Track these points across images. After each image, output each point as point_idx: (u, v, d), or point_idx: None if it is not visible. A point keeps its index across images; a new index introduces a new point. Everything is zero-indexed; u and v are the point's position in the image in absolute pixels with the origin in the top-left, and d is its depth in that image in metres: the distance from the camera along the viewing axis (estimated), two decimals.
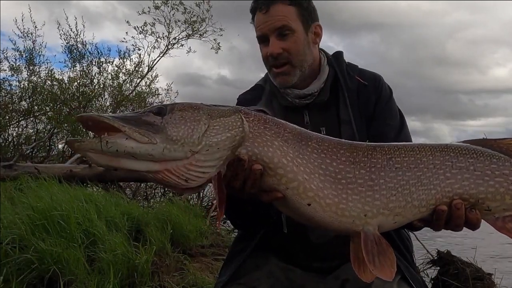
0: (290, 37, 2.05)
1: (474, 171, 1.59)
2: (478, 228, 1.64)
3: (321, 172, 1.55)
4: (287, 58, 2.06)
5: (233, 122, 1.54)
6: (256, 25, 2.11)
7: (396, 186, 1.56)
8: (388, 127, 2.10)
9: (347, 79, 2.15)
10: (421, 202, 1.56)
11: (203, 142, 1.48)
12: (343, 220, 1.54)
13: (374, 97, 2.14)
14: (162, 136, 1.47)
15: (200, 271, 4.56)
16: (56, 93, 14.78)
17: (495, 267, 4.77)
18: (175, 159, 1.47)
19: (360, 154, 1.59)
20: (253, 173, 1.52)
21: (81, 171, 8.59)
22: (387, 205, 1.55)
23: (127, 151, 1.44)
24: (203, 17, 15.91)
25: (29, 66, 14.99)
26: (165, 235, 5.05)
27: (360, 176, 1.56)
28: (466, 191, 1.58)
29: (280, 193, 1.54)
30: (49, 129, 15.01)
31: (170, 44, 16.27)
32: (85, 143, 1.45)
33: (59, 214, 4.23)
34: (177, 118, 1.51)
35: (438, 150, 1.62)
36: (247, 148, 1.53)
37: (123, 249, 4.02)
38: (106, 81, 15.83)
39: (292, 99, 2.14)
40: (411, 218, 1.59)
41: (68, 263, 3.65)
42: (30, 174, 7.40)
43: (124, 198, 6.90)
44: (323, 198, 1.53)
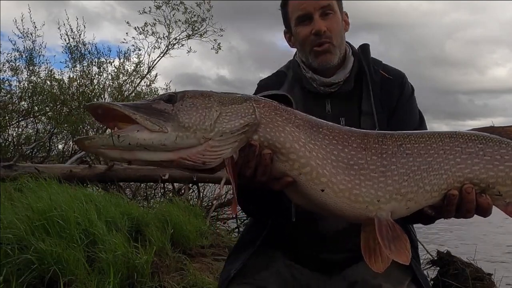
0: (332, 17, 2.08)
1: (483, 156, 1.60)
2: (489, 214, 1.63)
3: (333, 158, 1.55)
4: (329, 37, 2.07)
5: (245, 109, 1.54)
6: (298, 5, 2.10)
7: (408, 171, 1.56)
8: (408, 122, 2.10)
9: (372, 72, 2.15)
10: (433, 187, 1.56)
11: (215, 128, 1.48)
12: (357, 206, 1.54)
13: (397, 92, 2.15)
14: (173, 124, 1.46)
15: (200, 271, 4.56)
16: (56, 93, 14.78)
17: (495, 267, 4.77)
18: (189, 146, 1.46)
19: (371, 141, 1.59)
20: (263, 159, 1.52)
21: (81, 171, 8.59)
22: (400, 190, 1.55)
23: (140, 143, 1.43)
24: (204, 17, 15.94)
25: (29, 66, 15.00)
26: (165, 235, 5.05)
27: (372, 162, 1.56)
28: (477, 176, 1.59)
29: (291, 178, 1.54)
30: (49, 129, 15.04)
31: (171, 44, 16.29)
32: (96, 139, 1.44)
33: (59, 214, 4.22)
34: (188, 105, 1.50)
35: (447, 136, 1.63)
36: (259, 134, 1.53)
37: (123, 249, 4.02)
38: (106, 81, 15.85)
39: (318, 86, 2.14)
40: (423, 204, 1.58)
41: (68, 263, 3.65)
42: (30, 174, 7.39)
43: (124, 198, 6.90)
44: (336, 183, 1.53)
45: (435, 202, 1.59)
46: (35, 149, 14.47)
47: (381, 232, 1.50)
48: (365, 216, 1.55)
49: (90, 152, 1.50)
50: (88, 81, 15.58)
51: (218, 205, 8.61)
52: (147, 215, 5.68)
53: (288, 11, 2.16)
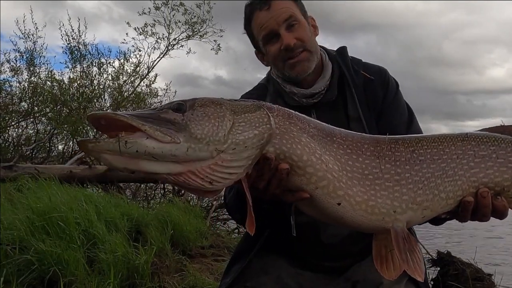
0: (298, 26, 2.02)
1: (497, 159, 1.57)
2: (505, 216, 1.61)
3: (349, 169, 1.49)
4: (302, 46, 2.02)
5: (259, 118, 1.45)
6: (259, 25, 2.04)
7: (422, 179, 1.52)
8: (397, 121, 2.08)
9: (353, 75, 2.11)
10: (448, 194, 1.53)
11: (229, 140, 1.39)
12: (373, 218, 1.49)
13: (381, 92, 2.11)
14: (185, 134, 1.36)
15: (200, 272, 4.56)
16: (56, 94, 14.78)
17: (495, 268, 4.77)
18: (200, 159, 1.36)
19: (384, 148, 1.54)
20: (279, 173, 1.44)
21: (81, 172, 8.59)
22: (415, 199, 1.50)
23: (148, 152, 1.32)
24: (204, 18, 15.94)
25: (29, 67, 15.00)
26: (165, 236, 5.04)
27: (386, 170, 1.51)
28: (491, 180, 1.56)
29: (307, 193, 1.47)
30: (49, 130, 15.02)
31: (170, 45, 16.29)
32: (101, 143, 1.32)
33: (59, 215, 4.22)
34: (199, 114, 1.41)
35: (459, 139, 1.59)
36: (275, 146, 1.45)
37: (123, 250, 4.02)
38: (106, 82, 15.85)
39: (299, 99, 2.09)
40: (439, 211, 1.55)
41: (68, 264, 3.65)
42: (30, 175, 7.39)
43: (124, 199, 6.90)
44: (353, 196, 1.48)
45: (450, 208, 1.56)
46: (35, 150, 14.46)
47: (398, 244, 1.46)
48: (381, 228, 1.51)
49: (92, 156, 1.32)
50: (88, 81, 15.57)
51: (218, 206, 8.61)
52: (147, 216, 5.68)
53: (253, 33, 2.10)
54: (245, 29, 2.16)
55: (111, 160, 1.34)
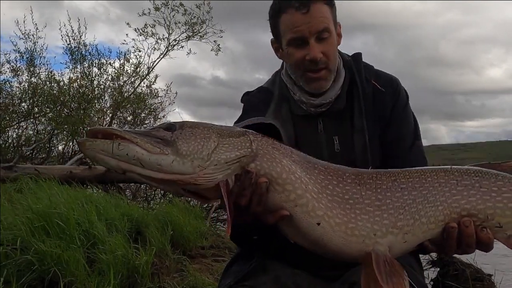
0: (328, 39, 1.94)
1: (480, 188, 1.59)
2: (491, 249, 1.62)
3: (329, 192, 1.56)
4: (325, 62, 1.95)
5: (242, 143, 1.57)
6: (291, 25, 1.93)
7: (403, 205, 1.56)
8: (402, 135, 2.05)
9: (364, 85, 2.05)
10: (429, 218, 1.56)
11: (212, 158, 1.51)
12: (353, 240, 1.53)
13: (391, 103, 2.06)
14: (173, 149, 1.49)
15: (200, 272, 4.56)
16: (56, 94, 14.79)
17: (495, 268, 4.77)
18: (183, 173, 1.49)
19: (365, 177, 1.61)
20: (259, 187, 1.52)
21: (81, 172, 8.60)
22: (396, 224, 1.54)
23: (137, 157, 1.46)
24: (204, 19, 15.95)
25: (29, 68, 15.01)
26: (165, 236, 5.04)
27: (367, 196, 1.57)
28: (474, 207, 1.57)
29: (287, 211, 1.54)
30: (49, 130, 15.04)
31: (170, 45, 16.29)
32: (98, 143, 1.47)
33: (59, 215, 4.23)
34: (187, 134, 1.54)
35: (442, 171, 1.63)
36: (256, 163, 1.56)
37: (123, 251, 4.03)
38: (106, 82, 15.86)
39: (307, 108, 2.05)
40: (421, 236, 1.57)
41: (68, 264, 3.65)
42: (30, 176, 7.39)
43: (124, 199, 6.90)
44: (332, 217, 1.53)
45: (434, 235, 1.58)
46: (35, 150, 14.48)
47: (379, 266, 1.49)
48: (362, 251, 1.54)
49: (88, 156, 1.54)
50: (88, 82, 15.58)
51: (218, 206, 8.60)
52: (147, 216, 5.68)
53: (280, 27, 2.00)
54: (271, 17, 2.04)
55: (105, 159, 1.48)
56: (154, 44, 16.06)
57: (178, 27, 16.07)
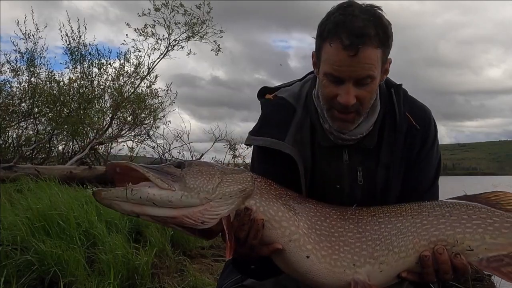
0: (368, 86, 1.79)
1: (450, 217, 1.71)
2: (468, 274, 1.68)
3: (317, 227, 1.72)
4: (357, 108, 1.82)
5: (244, 178, 1.74)
6: (333, 61, 1.76)
7: (380, 237, 1.71)
8: (422, 179, 1.99)
9: (402, 122, 1.95)
10: (401, 248, 1.68)
11: (217, 191, 1.67)
12: (336, 270, 1.68)
13: (419, 143, 1.97)
14: (181, 184, 1.65)
15: (200, 273, 4.56)
16: (56, 94, 14.79)
17: None
18: (192, 205, 1.63)
19: (349, 213, 1.76)
20: (257, 223, 1.65)
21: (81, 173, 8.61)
22: (373, 254, 1.69)
23: (149, 198, 1.60)
24: (204, 19, 15.95)
25: (29, 68, 15.01)
26: (165, 236, 5.05)
27: (350, 230, 1.72)
28: (443, 233, 1.68)
29: (280, 245, 1.68)
30: (49, 130, 15.04)
31: (170, 46, 16.30)
32: (112, 191, 1.62)
33: (59, 215, 4.23)
34: (194, 170, 1.70)
35: (416, 205, 1.77)
36: (255, 200, 1.71)
37: (123, 251, 4.03)
38: (106, 82, 15.86)
39: (335, 139, 1.94)
40: (395, 266, 1.68)
41: (68, 264, 3.65)
42: (30, 176, 7.40)
43: None
44: (319, 250, 1.69)
45: (409, 264, 1.68)
46: (35, 150, 14.49)
47: None
48: (343, 281, 1.68)
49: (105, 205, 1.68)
50: (88, 82, 15.59)
51: None
52: None
53: (322, 51, 1.82)
54: (318, 34, 1.84)
55: (121, 205, 1.63)
56: (154, 44, 16.07)
57: (178, 27, 16.08)
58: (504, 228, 1.69)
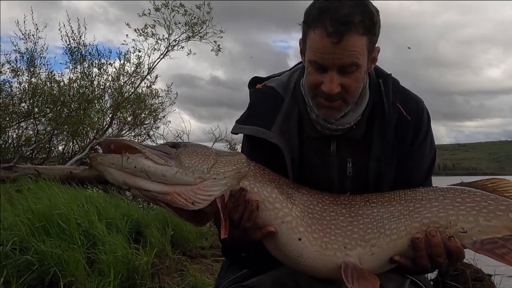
0: (353, 74, 1.75)
1: (443, 200, 1.71)
2: (463, 258, 1.67)
3: (310, 211, 1.73)
4: (342, 96, 1.78)
5: (239, 160, 1.75)
6: (317, 49, 1.73)
7: (372, 221, 1.71)
8: (415, 172, 1.96)
9: (391, 113, 1.90)
10: (392, 230, 1.68)
11: (211, 171, 1.67)
12: (327, 253, 1.68)
13: (411, 135, 1.94)
14: (176, 161, 1.64)
15: (200, 273, 4.56)
16: (56, 94, 14.79)
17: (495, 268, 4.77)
18: (185, 183, 1.63)
19: (342, 198, 1.78)
20: (251, 204, 1.66)
21: (81, 173, 8.61)
22: (364, 237, 1.69)
23: (144, 169, 1.59)
24: (204, 19, 15.94)
25: (29, 68, 15.02)
26: (165, 236, 5.05)
27: (342, 213, 1.73)
28: (435, 215, 1.67)
29: (273, 227, 1.68)
30: (49, 130, 15.04)
31: (170, 46, 16.29)
32: (108, 157, 1.60)
33: (59, 215, 4.23)
34: (190, 151, 1.71)
35: (410, 190, 1.77)
36: (250, 181, 1.72)
37: (123, 251, 4.03)
38: (107, 82, 15.86)
39: (323, 130, 1.91)
40: (387, 249, 1.68)
41: (68, 264, 3.65)
42: (30, 176, 7.40)
43: (124, 199, 6.91)
44: (311, 232, 1.69)
45: (400, 247, 1.67)
46: (35, 151, 14.49)
47: (346, 272, 1.63)
48: (334, 264, 1.67)
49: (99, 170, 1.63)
50: (88, 82, 15.59)
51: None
52: (147, 216, 5.69)
53: (307, 38, 1.79)
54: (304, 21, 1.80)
55: (114, 174, 1.61)
56: (154, 44, 16.07)
57: (178, 27, 16.08)
58: (499, 211, 1.68)
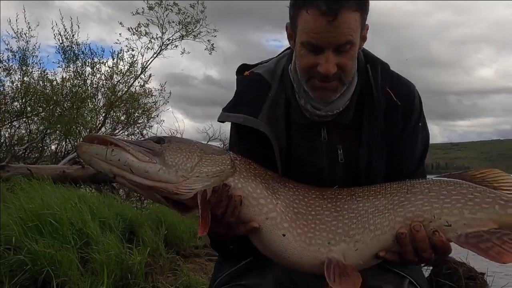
0: (348, 53, 1.73)
1: (428, 193, 1.67)
2: (449, 252, 1.65)
3: (295, 206, 1.71)
4: (339, 76, 1.76)
5: (223, 160, 1.73)
6: (310, 29, 1.69)
7: (357, 215, 1.68)
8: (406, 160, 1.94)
9: (380, 98, 1.87)
10: (376, 226, 1.65)
11: (194, 169, 1.67)
12: (311, 248, 1.66)
13: (402, 121, 1.91)
14: (160, 159, 1.65)
15: (194, 272, 4.56)
16: (49, 93, 14.72)
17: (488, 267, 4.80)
18: (168, 181, 1.64)
19: (328, 192, 1.75)
20: (234, 200, 1.65)
21: (74, 172, 8.57)
22: (348, 233, 1.67)
23: (128, 163, 1.61)
24: (198, 18, 15.92)
25: (22, 67, 14.92)
26: (159, 236, 5.05)
27: (327, 208, 1.71)
28: (419, 208, 1.64)
29: (257, 223, 1.67)
30: (42, 130, 14.95)
31: (164, 45, 16.25)
32: (93, 147, 1.63)
33: (52, 215, 4.21)
34: (174, 147, 1.70)
35: (396, 183, 1.74)
36: (234, 177, 1.71)
37: (116, 250, 4.02)
38: (100, 81, 15.79)
39: (311, 116, 1.89)
40: (371, 244, 1.65)
41: (61, 264, 3.63)
42: (22, 175, 7.36)
43: (118, 199, 6.89)
44: (295, 228, 1.68)
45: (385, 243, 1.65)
46: (27, 150, 14.40)
47: (328, 268, 1.61)
48: (318, 260, 1.65)
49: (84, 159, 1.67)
50: (81, 81, 15.52)
51: None
52: (141, 216, 5.68)
53: (297, 21, 1.75)
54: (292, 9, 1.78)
55: (99, 163, 1.63)
56: (148, 43, 16.01)
57: (172, 26, 16.04)
58: (485, 203, 1.64)
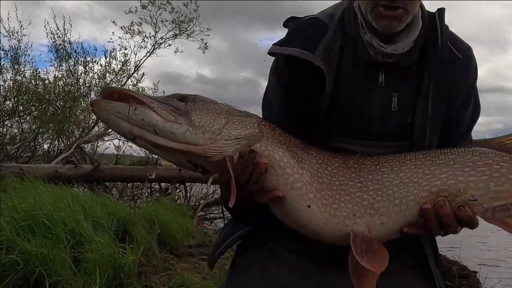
0: None
1: (453, 165, 1.60)
2: (476, 225, 1.59)
3: (319, 175, 1.64)
4: (405, 3, 1.67)
5: (250, 123, 1.63)
6: None
7: (382, 187, 1.61)
8: (463, 119, 1.90)
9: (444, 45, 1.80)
10: (401, 200, 1.59)
11: (223, 133, 1.56)
12: (335, 220, 1.59)
13: (462, 76, 1.85)
14: (186, 119, 1.53)
15: (187, 271, 4.56)
16: (41, 92, 14.65)
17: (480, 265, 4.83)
18: (195, 143, 1.53)
19: (352, 161, 1.67)
20: (259, 167, 1.57)
21: (66, 171, 8.53)
22: (373, 205, 1.59)
23: (152, 123, 1.48)
24: (191, 17, 15.89)
25: (14, 66, 14.84)
26: (152, 235, 5.04)
27: (351, 179, 1.63)
28: (444, 182, 1.58)
29: (281, 192, 1.59)
30: (34, 129, 14.88)
31: (157, 43, 16.21)
32: (114, 104, 1.47)
33: (44, 214, 4.19)
34: (200, 107, 1.59)
35: (421, 153, 1.66)
36: (261, 144, 1.61)
37: (109, 250, 4.01)
38: (92, 80, 15.73)
39: (375, 54, 1.77)
40: (396, 219, 1.60)
41: (54, 264, 3.62)
42: (15, 175, 7.32)
43: (111, 198, 6.87)
44: (320, 199, 1.60)
45: (410, 217, 1.60)
46: (20, 149, 14.32)
47: (355, 243, 1.54)
48: (342, 232, 1.59)
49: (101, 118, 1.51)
50: (74, 80, 15.45)
51: (205, 205, 8.60)
52: (134, 215, 5.66)
53: None
54: None
55: (119, 122, 1.49)
56: (141, 42, 15.97)
57: (165, 25, 16.00)
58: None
